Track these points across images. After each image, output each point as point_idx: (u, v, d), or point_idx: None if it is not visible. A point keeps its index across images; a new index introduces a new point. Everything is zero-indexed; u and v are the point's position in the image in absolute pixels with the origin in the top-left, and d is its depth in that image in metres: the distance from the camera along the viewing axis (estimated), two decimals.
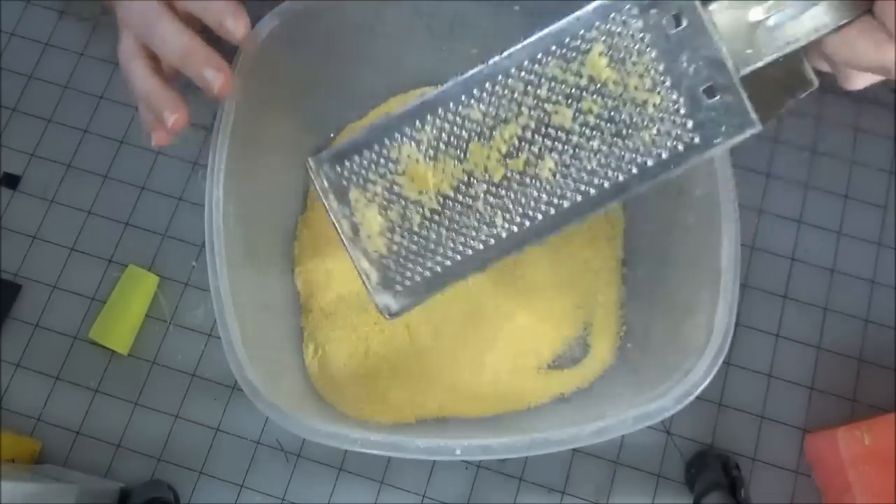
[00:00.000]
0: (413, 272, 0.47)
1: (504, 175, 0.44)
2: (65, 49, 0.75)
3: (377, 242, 0.46)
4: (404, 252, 0.46)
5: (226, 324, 0.53)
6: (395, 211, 0.46)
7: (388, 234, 0.46)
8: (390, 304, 0.47)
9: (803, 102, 0.73)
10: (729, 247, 0.53)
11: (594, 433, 0.50)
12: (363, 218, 0.46)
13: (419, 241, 0.46)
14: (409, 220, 0.46)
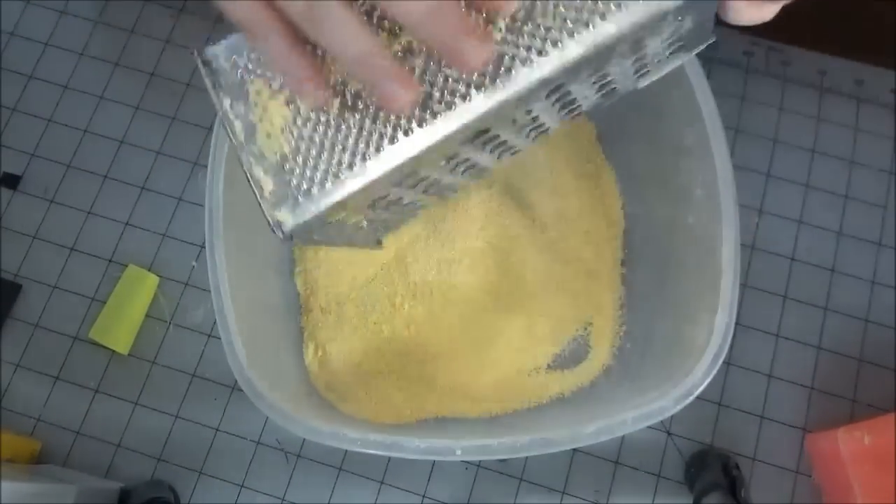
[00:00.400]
0: (320, 171, 0.39)
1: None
2: (65, 49, 0.75)
3: (278, 141, 0.39)
4: (314, 148, 0.39)
5: (226, 324, 0.53)
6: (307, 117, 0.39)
7: (295, 128, 0.39)
8: (285, 220, 0.38)
9: (803, 102, 0.74)
10: (729, 247, 0.53)
11: (594, 433, 0.50)
12: (264, 112, 0.39)
13: (335, 130, 0.39)
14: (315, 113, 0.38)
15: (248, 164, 0.38)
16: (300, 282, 0.66)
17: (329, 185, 0.38)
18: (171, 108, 0.73)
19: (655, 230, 0.64)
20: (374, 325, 0.65)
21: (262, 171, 0.39)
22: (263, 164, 0.39)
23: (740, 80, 0.74)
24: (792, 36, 0.71)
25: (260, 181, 0.38)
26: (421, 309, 0.64)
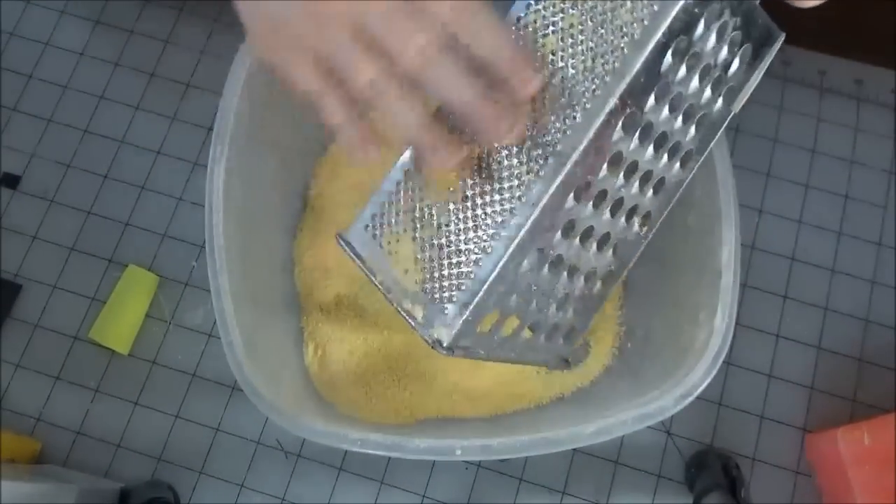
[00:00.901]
0: (454, 279, 0.42)
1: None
2: (65, 49, 0.75)
3: (413, 274, 0.43)
4: (443, 265, 0.43)
5: (226, 324, 0.53)
6: (425, 227, 0.43)
7: (422, 256, 0.43)
8: (441, 335, 0.42)
9: (803, 102, 0.74)
10: (729, 247, 0.53)
11: (594, 433, 0.50)
12: (397, 257, 0.44)
13: (452, 242, 0.43)
14: (437, 223, 0.43)
15: (398, 303, 0.43)
16: (300, 282, 0.66)
17: (466, 286, 0.42)
18: (171, 108, 0.73)
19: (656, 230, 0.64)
20: (374, 325, 0.64)
21: (409, 303, 0.43)
22: (409, 297, 0.43)
23: None
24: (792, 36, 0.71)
25: (411, 311, 0.43)
26: None
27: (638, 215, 0.48)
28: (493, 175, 0.42)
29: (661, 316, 0.61)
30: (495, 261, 0.41)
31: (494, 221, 0.41)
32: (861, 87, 0.73)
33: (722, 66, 0.45)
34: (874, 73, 0.73)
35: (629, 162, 0.44)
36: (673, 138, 0.45)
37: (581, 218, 0.44)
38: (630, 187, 0.45)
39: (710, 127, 0.48)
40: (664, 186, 0.48)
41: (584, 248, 0.46)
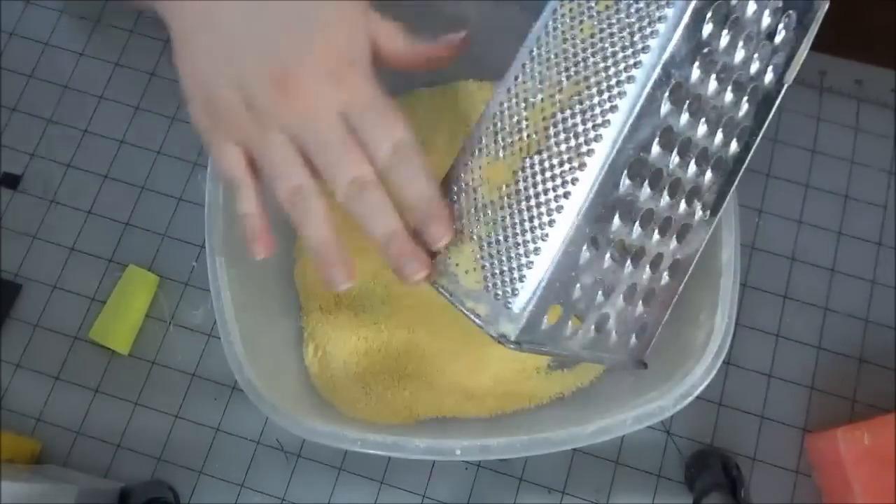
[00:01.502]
0: (515, 273, 0.42)
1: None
2: (65, 49, 0.75)
3: (474, 273, 0.43)
4: (502, 259, 0.42)
5: (226, 324, 0.53)
6: (483, 226, 0.43)
7: (481, 253, 0.43)
8: (507, 330, 0.42)
9: (803, 102, 0.74)
10: (729, 247, 0.54)
11: (594, 433, 0.50)
12: (458, 258, 0.43)
13: (509, 236, 0.42)
14: (494, 219, 0.43)
15: (461, 304, 0.43)
16: (300, 282, 0.66)
17: (527, 277, 0.41)
18: (171, 108, 0.73)
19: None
20: (374, 325, 0.65)
21: (472, 302, 0.42)
22: (472, 297, 0.43)
23: None
24: None
25: (474, 310, 0.43)
26: (421, 309, 0.64)
27: (699, 199, 0.47)
28: (544, 165, 0.41)
29: None
30: (554, 248, 0.41)
31: (549, 209, 0.41)
32: (861, 87, 0.73)
33: (766, 33, 0.45)
34: (874, 73, 0.73)
35: (682, 138, 0.43)
36: (726, 112, 0.45)
37: (639, 200, 0.43)
38: (686, 167, 0.45)
39: (764, 101, 0.47)
40: (723, 166, 0.47)
41: (645, 234, 0.45)
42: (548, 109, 0.42)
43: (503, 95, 0.43)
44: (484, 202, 0.43)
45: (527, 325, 0.41)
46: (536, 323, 0.42)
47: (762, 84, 0.47)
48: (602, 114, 0.40)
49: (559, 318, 0.43)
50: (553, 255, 0.41)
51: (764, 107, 0.48)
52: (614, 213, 0.42)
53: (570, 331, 0.44)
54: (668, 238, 0.47)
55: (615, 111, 0.40)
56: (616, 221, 0.43)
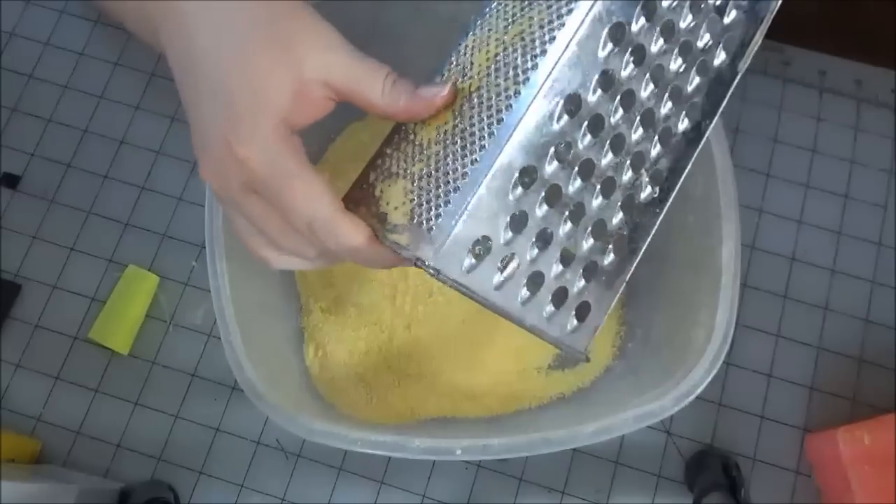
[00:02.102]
0: (441, 200, 0.41)
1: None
2: (65, 49, 0.75)
3: (404, 207, 0.42)
4: (430, 190, 0.41)
5: (226, 324, 0.53)
6: (417, 162, 0.42)
7: (412, 187, 0.42)
8: (426, 254, 0.40)
9: (803, 102, 0.74)
10: (729, 246, 0.54)
11: (594, 433, 0.50)
12: (388, 196, 0.42)
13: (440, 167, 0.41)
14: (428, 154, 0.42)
15: (384, 238, 0.41)
16: (300, 283, 0.66)
17: (452, 202, 0.40)
18: (171, 108, 0.73)
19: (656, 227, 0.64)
20: (375, 325, 0.65)
21: (396, 234, 0.41)
22: (396, 230, 0.41)
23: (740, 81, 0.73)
24: (792, 36, 0.71)
25: (397, 241, 0.41)
26: (421, 309, 0.64)
27: (647, 170, 0.46)
28: (482, 98, 0.41)
29: (662, 315, 0.61)
30: (483, 173, 0.39)
31: (482, 135, 0.40)
32: (861, 87, 0.73)
33: (714, 6, 0.45)
34: (874, 73, 0.73)
35: (625, 89, 0.43)
36: (673, 80, 0.45)
37: (578, 146, 0.42)
38: (630, 126, 0.44)
39: (717, 81, 0.47)
40: (672, 141, 0.46)
41: (585, 189, 0.44)
42: (492, 51, 0.42)
43: (456, 49, 0.43)
44: (421, 142, 0.42)
45: (447, 252, 0.40)
46: (458, 253, 0.40)
47: (713, 62, 0.46)
48: (540, 45, 0.40)
49: (485, 259, 0.41)
50: (481, 179, 0.40)
51: (716, 88, 0.47)
52: (550, 151, 0.41)
53: (497, 278, 0.42)
54: (612, 205, 0.45)
55: (553, 42, 0.40)
56: (552, 163, 0.42)
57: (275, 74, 0.40)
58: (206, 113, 0.42)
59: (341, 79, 0.41)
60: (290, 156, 0.40)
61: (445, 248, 0.39)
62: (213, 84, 0.41)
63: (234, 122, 0.41)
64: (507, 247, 0.41)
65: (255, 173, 0.40)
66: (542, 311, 0.44)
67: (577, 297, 0.45)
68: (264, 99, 0.40)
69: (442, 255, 0.40)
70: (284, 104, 0.40)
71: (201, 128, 0.42)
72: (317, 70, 0.41)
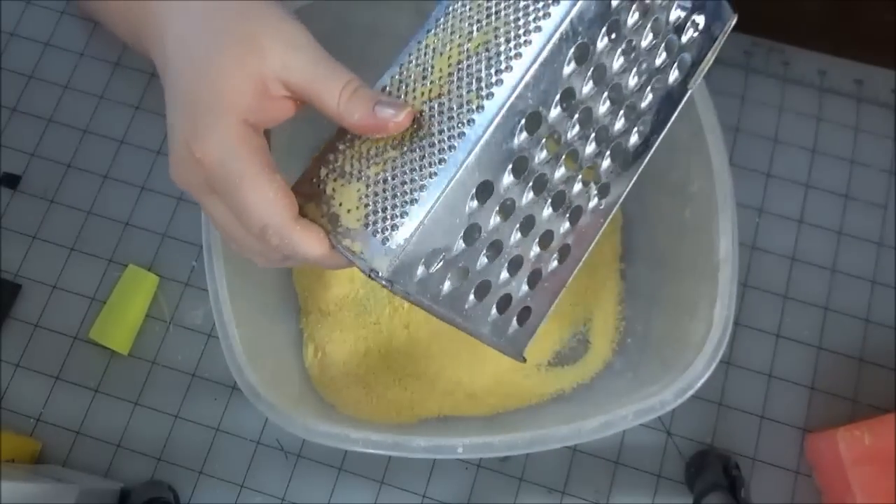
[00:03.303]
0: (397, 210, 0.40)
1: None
2: (65, 49, 0.75)
3: (356, 212, 0.41)
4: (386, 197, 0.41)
5: (225, 327, 0.53)
6: (373, 165, 0.42)
7: (367, 191, 0.41)
8: (380, 265, 0.40)
9: (803, 102, 0.74)
10: (726, 240, 0.54)
11: (596, 429, 0.50)
12: (341, 198, 0.42)
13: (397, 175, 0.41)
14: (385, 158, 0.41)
15: (338, 243, 0.41)
16: (299, 283, 0.66)
17: (410, 213, 0.40)
18: None
19: (653, 225, 0.64)
20: (374, 325, 0.65)
21: (349, 240, 0.41)
22: (349, 235, 0.41)
23: (740, 80, 0.74)
24: (792, 36, 0.72)
25: (350, 247, 0.41)
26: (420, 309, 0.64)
27: (596, 183, 0.47)
28: (443, 108, 0.41)
29: (661, 311, 0.61)
30: (441, 186, 0.40)
31: (442, 148, 0.40)
32: (861, 87, 0.74)
33: (674, 26, 0.46)
34: (874, 73, 0.74)
35: (584, 107, 0.43)
36: (628, 98, 0.45)
37: (534, 160, 0.43)
38: (585, 141, 0.45)
39: (668, 99, 0.48)
40: (621, 156, 0.48)
41: (537, 203, 0.44)
42: (454, 57, 0.41)
43: (413, 46, 0.43)
44: (378, 145, 0.42)
45: (402, 265, 0.40)
46: (412, 266, 0.41)
47: (667, 80, 0.47)
48: (506, 60, 0.40)
49: (437, 270, 0.42)
50: (439, 194, 0.39)
51: (666, 105, 0.48)
52: (507, 166, 0.42)
53: (448, 288, 0.43)
54: (560, 217, 0.47)
55: (519, 58, 0.40)
56: (508, 177, 0.42)
57: (235, 73, 0.40)
58: (172, 114, 0.42)
59: (299, 80, 0.41)
60: (245, 156, 0.40)
61: (400, 261, 0.40)
62: (181, 85, 0.42)
63: (193, 121, 0.40)
64: (459, 258, 0.42)
65: (211, 173, 0.40)
66: (487, 318, 0.46)
67: (519, 303, 0.47)
68: (223, 98, 0.40)
69: (396, 269, 0.40)
70: (244, 103, 0.40)
71: (169, 129, 0.42)
72: (276, 69, 0.41)
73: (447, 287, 0.43)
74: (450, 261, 0.42)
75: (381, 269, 0.40)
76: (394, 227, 0.40)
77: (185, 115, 0.41)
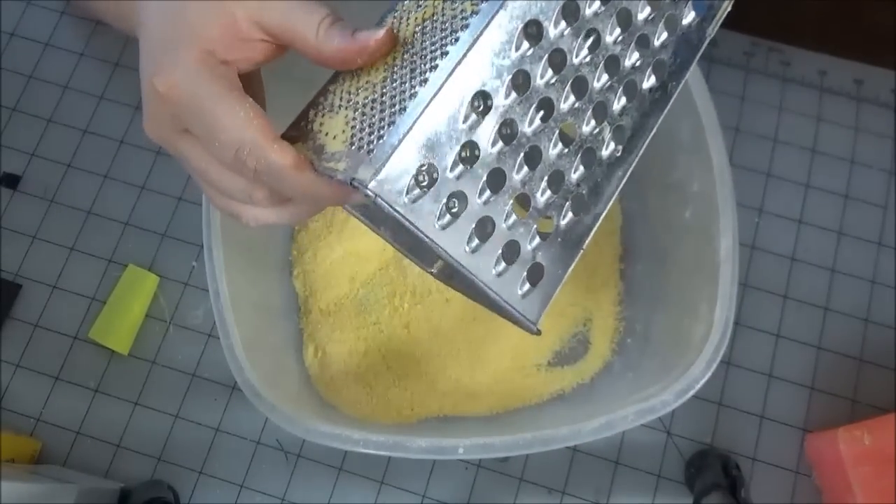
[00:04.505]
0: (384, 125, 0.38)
1: None
2: (65, 49, 0.75)
3: (343, 134, 0.39)
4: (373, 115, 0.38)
5: (225, 327, 0.53)
6: (361, 91, 0.40)
7: (354, 114, 0.39)
8: (363, 175, 0.36)
9: (803, 102, 0.74)
10: (727, 240, 0.54)
11: (596, 429, 0.50)
12: (328, 127, 0.40)
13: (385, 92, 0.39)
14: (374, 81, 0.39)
15: (319, 166, 0.38)
16: (299, 283, 0.66)
17: (396, 123, 0.37)
18: None
19: (653, 225, 0.64)
20: (374, 325, 0.65)
21: (333, 162, 0.38)
22: (333, 158, 0.38)
23: (740, 80, 0.74)
24: (792, 36, 0.72)
25: (332, 168, 0.38)
26: (420, 308, 0.64)
27: (612, 123, 0.43)
28: (435, 25, 0.39)
29: (661, 311, 0.61)
30: (432, 91, 0.36)
31: (434, 55, 0.38)
32: (861, 87, 0.74)
33: None
34: (874, 73, 0.74)
35: (589, 27, 0.40)
36: (640, 27, 0.43)
37: (536, 74, 0.39)
38: (594, 70, 0.41)
39: (685, 42, 0.44)
40: (637, 96, 0.43)
41: (543, 132, 0.40)
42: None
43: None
44: (368, 72, 0.40)
45: (388, 176, 0.36)
46: (399, 178, 0.36)
47: (681, 20, 0.44)
48: None
49: (430, 191, 0.37)
50: (429, 99, 0.36)
51: (685, 49, 0.44)
52: (506, 80, 0.38)
53: (441, 216, 0.38)
54: (571, 157, 0.42)
55: None
56: (510, 94, 0.39)
57: (203, 11, 0.39)
58: (141, 64, 0.41)
59: (274, 19, 0.40)
60: (212, 80, 0.39)
61: (385, 169, 0.36)
62: (149, 33, 0.41)
63: (158, 58, 0.39)
64: (456, 182, 0.38)
65: (179, 104, 0.39)
66: (491, 265, 0.40)
67: (529, 256, 0.41)
68: (189, 32, 0.39)
69: (381, 179, 0.36)
70: (209, 35, 0.39)
71: (141, 80, 0.41)
72: (251, 10, 0.39)
73: (442, 216, 0.38)
74: (444, 182, 0.38)
75: (363, 178, 0.36)
76: (379, 138, 0.37)
77: (152, 56, 0.40)
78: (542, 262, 0.42)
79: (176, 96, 0.39)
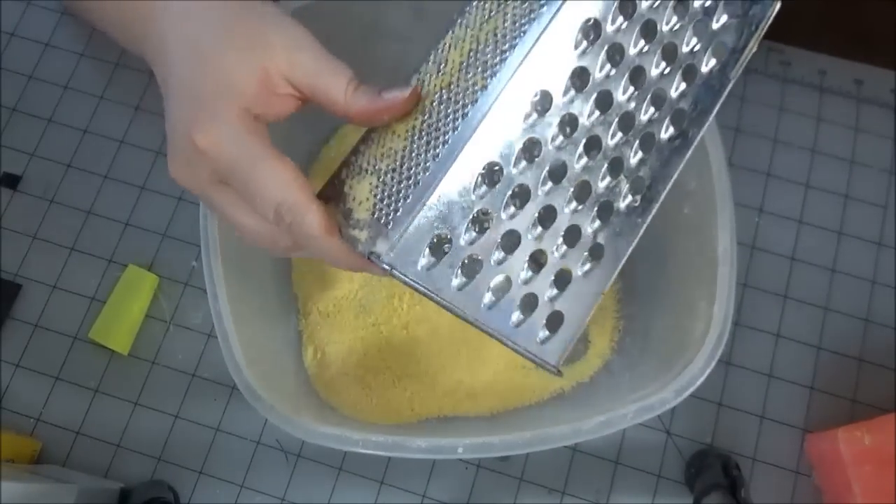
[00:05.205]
0: (401, 197, 0.40)
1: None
2: (65, 49, 0.75)
3: (366, 203, 0.41)
4: (393, 185, 0.40)
5: (224, 327, 0.53)
6: (385, 158, 0.41)
7: (378, 182, 0.41)
8: (380, 248, 0.39)
9: (803, 102, 0.74)
10: (725, 237, 0.54)
11: (596, 427, 0.50)
12: (354, 192, 0.42)
13: (405, 162, 0.40)
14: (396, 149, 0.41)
15: (346, 234, 0.40)
16: (298, 284, 0.66)
17: (411, 196, 0.39)
18: None
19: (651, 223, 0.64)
20: (373, 326, 0.65)
21: (357, 230, 0.40)
22: (358, 225, 0.40)
23: (740, 80, 0.73)
24: (792, 36, 0.72)
25: (354, 237, 0.40)
26: (419, 309, 0.64)
27: (627, 177, 0.44)
28: (452, 94, 0.40)
29: (660, 309, 0.61)
30: (444, 166, 0.38)
31: (446, 130, 0.39)
32: (861, 87, 0.74)
33: (702, 7, 0.44)
34: (874, 73, 0.74)
35: (601, 90, 0.41)
36: (655, 84, 0.43)
37: (548, 144, 0.41)
38: (608, 130, 0.42)
39: (706, 89, 0.45)
40: (656, 147, 0.44)
41: (557, 193, 0.42)
42: (467, 47, 0.41)
43: (435, 47, 0.43)
44: (391, 138, 0.42)
45: (403, 249, 0.38)
46: (415, 250, 0.39)
47: (701, 67, 0.45)
48: (510, 38, 0.39)
49: (445, 260, 0.40)
50: (441, 173, 0.38)
51: (706, 95, 0.45)
52: (516, 149, 0.40)
53: (457, 280, 0.40)
54: (587, 211, 0.43)
55: (522, 36, 0.39)
56: (521, 161, 0.40)
57: (242, 64, 0.41)
58: (173, 109, 0.42)
59: (305, 77, 0.41)
60: (256, 141, 0.40)
61: (402, 243, 0.38)
62: (184, 79, 0.42)
63: (196, 112, 0.40)
64: (470, 247, 0.40)
65: (220, 161, 0.40)
66: (509, 318, 0.42)
67: (548, 306, 0.43)
68: (227, 88, 0.40)
69: (398, 251, 0.38)
70: (248, 92, 0.40)
71: (170, 127, 0.42)
72: (282, 65, 0.41)
73: (457, 280, 0.40)
74: (458, 250, 0.40)
75: (381, 251, 0.38)
76: (395, 211, 0.39)
77: (188, 107, 0.41)
78: (560, 309, 0.43)
79: (217, 153, 0.40)
